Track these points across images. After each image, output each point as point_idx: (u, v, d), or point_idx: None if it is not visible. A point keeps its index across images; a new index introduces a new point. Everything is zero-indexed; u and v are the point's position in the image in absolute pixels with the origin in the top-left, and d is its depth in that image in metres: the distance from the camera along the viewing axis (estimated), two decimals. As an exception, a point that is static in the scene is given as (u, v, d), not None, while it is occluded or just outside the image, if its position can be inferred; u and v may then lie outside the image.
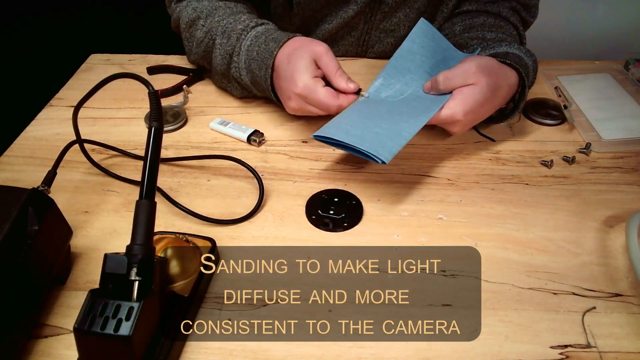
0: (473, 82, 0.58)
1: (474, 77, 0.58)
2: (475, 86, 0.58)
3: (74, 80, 0.83)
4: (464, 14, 0.78)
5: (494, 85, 0.59)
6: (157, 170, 0.44)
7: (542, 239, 0.54)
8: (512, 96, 0.64)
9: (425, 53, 0.64)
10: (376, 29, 0.82)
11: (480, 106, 0.59)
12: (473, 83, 0.58)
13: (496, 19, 0.74)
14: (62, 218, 0.49)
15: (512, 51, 0.65)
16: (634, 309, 0.47)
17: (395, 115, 0.58)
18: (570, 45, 1.36)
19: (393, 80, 0.63)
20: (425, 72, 0.64)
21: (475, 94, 0.58)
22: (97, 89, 0.51)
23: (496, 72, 0.60)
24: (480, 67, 0.58)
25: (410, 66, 0.64)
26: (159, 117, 0.44)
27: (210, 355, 0.44)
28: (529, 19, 0.79)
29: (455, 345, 0.44)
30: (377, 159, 0.52)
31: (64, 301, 0.48)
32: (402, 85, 0.63)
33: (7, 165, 0.65)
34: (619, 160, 0.65)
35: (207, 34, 0.71)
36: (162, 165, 0.63)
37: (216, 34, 0.70)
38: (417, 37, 0.65)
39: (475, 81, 0.58)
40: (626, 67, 0.82)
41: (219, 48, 0.70)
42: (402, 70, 0.63)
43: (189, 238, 0.51)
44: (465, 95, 0.58)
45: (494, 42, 0.68)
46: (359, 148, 0.53)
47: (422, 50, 0.64)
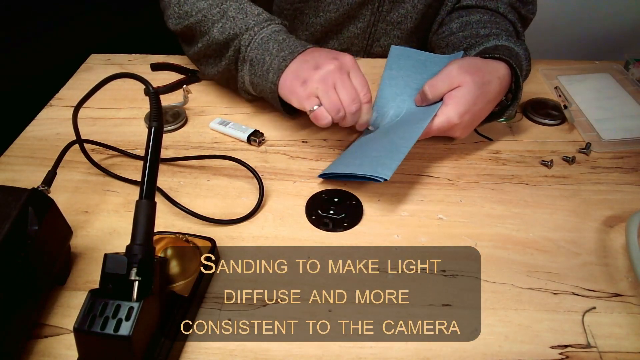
0: (459, 84, 0.59)
1: (459, 79, 0.58)
2: (463, 87, 0.59)
3: (74, 80, 0.83)
4: (462, 9, 0.78)
5: (482, 82, 0.59)
6: (157, 170, 0.44)
7: (542, 239, 0.54)
8: (507, 88, 0.64)
9: (406, 72, 0.66)
10: (383, 20, 0.80)
11: (474, 104, 0.59)
12: (459, 85, 0.59)
13: (492, 15, 0.74)
14: (62, 218, 0.49)
15: (501, 43, 0.66)
16: (634, 309, 0.47)
17: (391, 136, 0.59)
18: (570, 45, 1.36)
19: (385, 108, 0.64)
20: (414, 89, 0.65)
21: (465, 94, 0.58)
22: (97, 89, 0.51)
23: (480, 68, 0.60)
24: (462, 67, 0.59)
25: (396, 90, 0.65)
26: (159, 117, 0.44)
27: (210, 355, 0.44)
28: (528, 16, 0.79)
29: (455, 345, 0.44)
30: (379, 179, 0.52)
31: (64, 301, 0.48)
32: (395, 110, 0.64)
33: (7, 165, 0.65)
34: (619, 160, 0.65)
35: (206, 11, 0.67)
36: (162, 165, 0.63)
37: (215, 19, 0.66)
38: (393, 63, 0.67)
39: (461, 82, 0.59)
40: (626, 67, 0.82)
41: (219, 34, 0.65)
42: (391, 96, 0.65)
43: (189, 238, 0.51)
44: (455, 97, 0.59)
45: (485, 38, 0.68)
46: (359, 174, 0.54)
47: (402, 72, 0.66)
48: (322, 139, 0.68)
